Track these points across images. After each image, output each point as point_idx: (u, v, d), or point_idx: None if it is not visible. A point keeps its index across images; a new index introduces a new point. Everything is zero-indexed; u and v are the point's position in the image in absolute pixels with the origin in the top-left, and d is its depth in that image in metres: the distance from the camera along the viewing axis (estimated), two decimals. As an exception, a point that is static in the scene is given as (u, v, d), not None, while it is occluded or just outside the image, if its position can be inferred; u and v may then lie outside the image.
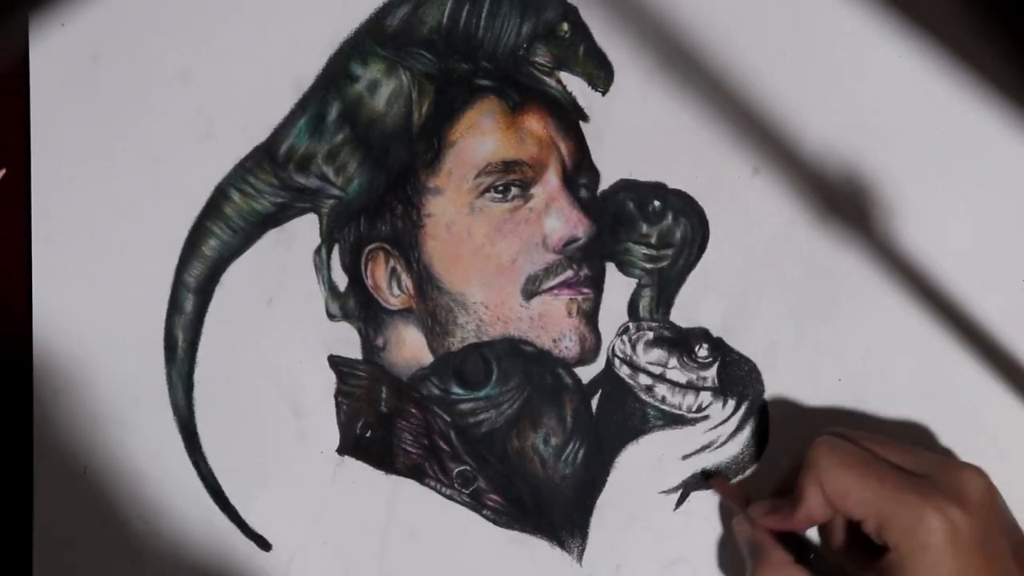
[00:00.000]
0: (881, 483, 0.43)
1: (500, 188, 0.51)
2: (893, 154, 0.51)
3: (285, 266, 0.52)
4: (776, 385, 0.51)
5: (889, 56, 0.51)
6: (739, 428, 0.51)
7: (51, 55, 0.52)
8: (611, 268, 0.52)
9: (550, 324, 0.51)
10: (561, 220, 0.51)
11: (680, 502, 0.51)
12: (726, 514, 0.51)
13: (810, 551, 0.47)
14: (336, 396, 0.52)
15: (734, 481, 0.51)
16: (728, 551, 0.50)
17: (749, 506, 0.48)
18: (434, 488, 0.51)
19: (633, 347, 0.52)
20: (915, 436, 0.50)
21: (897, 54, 0.51)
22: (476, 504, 0.51)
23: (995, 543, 0.43)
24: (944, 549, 0.42)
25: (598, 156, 0.52)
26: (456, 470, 0.51)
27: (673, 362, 0.51)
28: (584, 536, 0.51)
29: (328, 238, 0.52)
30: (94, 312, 0.52)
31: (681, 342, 0.51)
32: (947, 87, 0.51)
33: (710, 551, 0.51)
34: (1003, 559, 0.43)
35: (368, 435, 0.52)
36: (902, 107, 0.51)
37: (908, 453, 0.45)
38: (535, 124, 0.51)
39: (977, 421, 0.50)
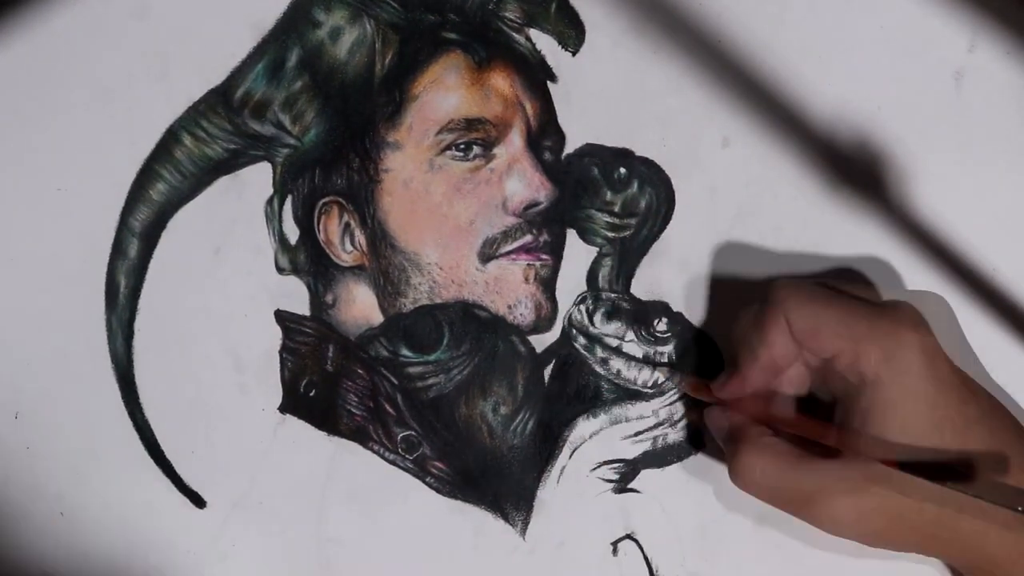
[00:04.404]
0: (852, 313, 0.42)
1: (461, 146, 0.49)
2: (904, 119, 0.49)
3: (235, 215, 0.50)
4: (735, 363, 0.49)
5: (899, 15, 0.49)
6: (695, 405, 0.49)
7: (3, -17, 0.50)
8: (572, 235, 0.50)
9: (506, 289, 0.50)
10: (523, 183, 0.49)
11: (630, 479, 0.49)
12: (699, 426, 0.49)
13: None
14: (281, 352, 0.50)
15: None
16: (676, 528, 0.49)
17: (712, 384, 0.46)
18: (377, 452, 0.50)
19: (590, 317, 0.50)
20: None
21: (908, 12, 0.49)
22: (419, 471, 0.50)
23: (955, 365, 0.42)
24: (925, 371, 0.41)
25: (565, 118, 0.50)
26: (401, 435, 0.50)
27: (631, 335, 0.50)
28: (529, 510, 0.49)
29: (281, 189, 0.50)
30: (31, 252, 0.50)
31: (640, 315, 0.50)
32: (965, 46, 0.49)
33: (657, 529, 0.49)
34: (968, 378, 0.43)
35: (312, 394, 0.50)
36: (915, 69, 0.49)
37: (867, 291, 0.45)
38: (501, 82, 0.50)
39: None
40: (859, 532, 0.42)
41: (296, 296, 0.50)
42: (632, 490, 0.49)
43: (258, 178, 0.50)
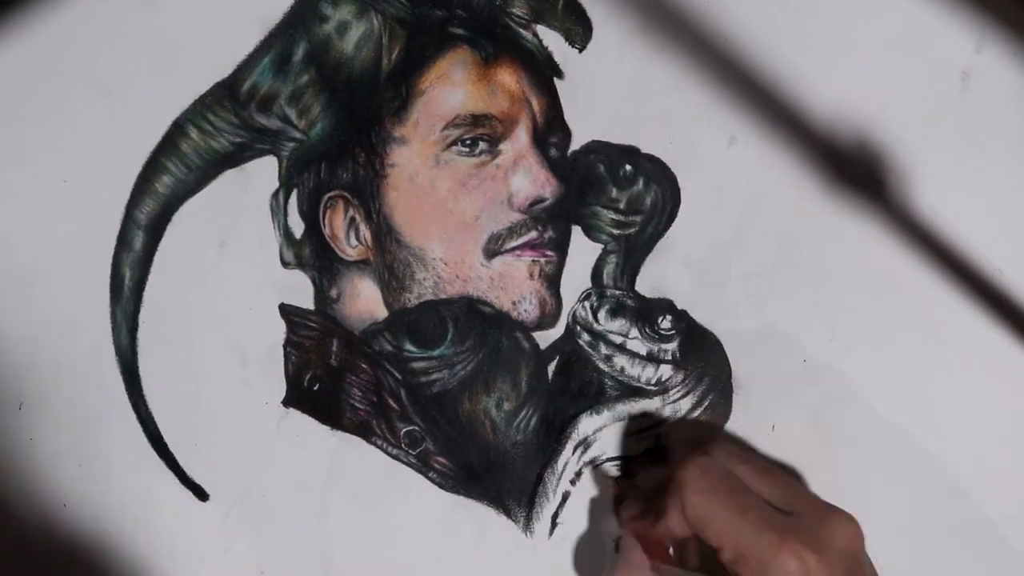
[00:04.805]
0: (743, 515, 0.42)
1: (468, 142, 0.49)
2: (907, 120, 0.49)
3: (240, 209, 0.50)
4: (739, 361, 0.49)
5: (902, 15, 0.49)
6: (698, 403, 0.49)
7: (10, -25, 0.50)
8: (577, 231, 0.50)
9: (510, 285, 0.50)
10: (528, 179, 0.49)
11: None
12: (596, 504, 0.50)
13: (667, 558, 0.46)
14: (285, 346, 0.50)
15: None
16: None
17: (623, 504, 0.47)
18: (380, 447, 0.50)
19: (594, 314, 0.50)
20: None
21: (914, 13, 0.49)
22: (422, 466, 0.50)
23: None
24: None
25: (571, 115, 0.50)
26: (404, 430, 0.50)
27: (635, 332, 0.50)
28: (531, 506, 0.49)
29: (287, 182, 0.50)
30: (37, 244, 0.50)
31: (644, 312, 0.50)
32: (972, 47, 0.49)
33: (659, 527, 0.49)
34: None
35: (316, 388, 0.50)
36: (922, 70, 0.49)
37: (784, 488, 0.43)
38: (508, 78, 0.50)
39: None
40: None
41: (301, 290, 0.50)
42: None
43: (264, 172, 0.50)
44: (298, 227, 0.50)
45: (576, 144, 0.50)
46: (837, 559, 0.41)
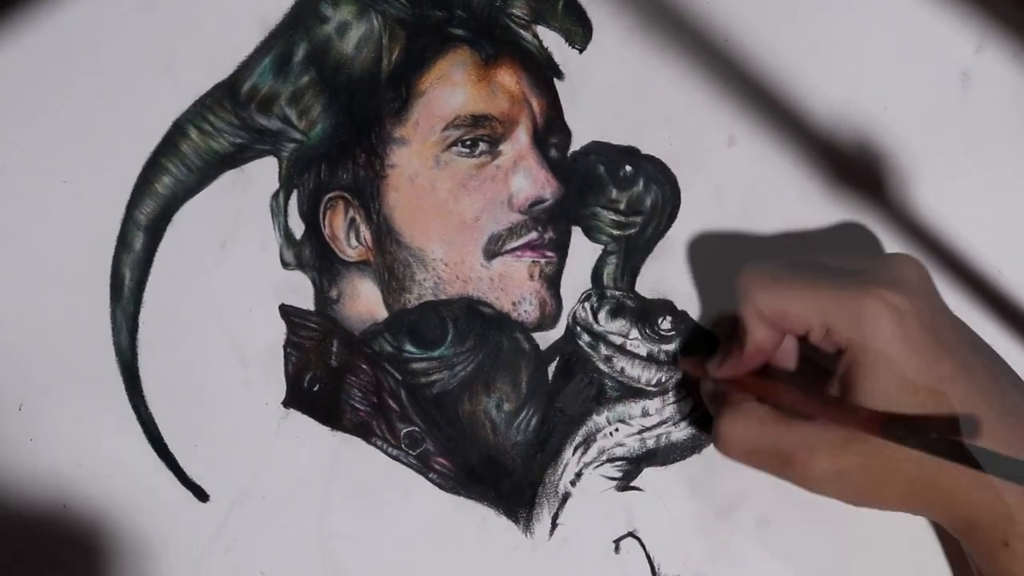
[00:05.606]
0: (815, 287, 0.42)
1: (468, 143, 0.49)
2: (907, 121, 0.49)
3: (240, 209, 0.50)
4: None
5: (902, 15, 0.49)
6: (699, 404, 0.49)
7: (10, -25, 0.50)
8: (577, 232, 0.50)
9: (510, 286, 0.50)
10: (528, 180, 0.49)
11: (633, 477, 0.49)
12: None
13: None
14: (285, 347, 0.50)
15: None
16: (678, 526, 0.49)
17: (703, 365, 0.47)
18: (380, 448, 0.50)
19: (595, 315, 0.50)
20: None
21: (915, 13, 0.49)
22: (423, 467, 0.50)
23: (941, 321, 0.42)
24: (892, 333, 0.41)
25: (571, 115, 0.50)
26: (404, 431, 0.50)
27: (635, 333, 0.50)
28: (532, 507, 0.49)
29: (287, 183, 0.50)
30: (37, 244, 0.50)
31: (644, 313, 0.50)
32: (972, 48, 0.49)
33: (660, 527, 0.49)
34: (951, 334, 0.42)
35: (316, 389, 0.50)
36: (922, 70, 0.49)
37: (838, 259, 0.44)
38: (508, 78, 0.50)
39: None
40: (839, 490, 0.43)
41: (301, 291, 0.50)
42: (635, 488, 0.49)
43: (264, 172, 0.50)
44: (298, 228, 0.50)
45: (576, 145, 0.50)
46: (916, 291, 0.42)
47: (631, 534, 0.49)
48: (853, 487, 0.43)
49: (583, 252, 0.50)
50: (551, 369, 0.50)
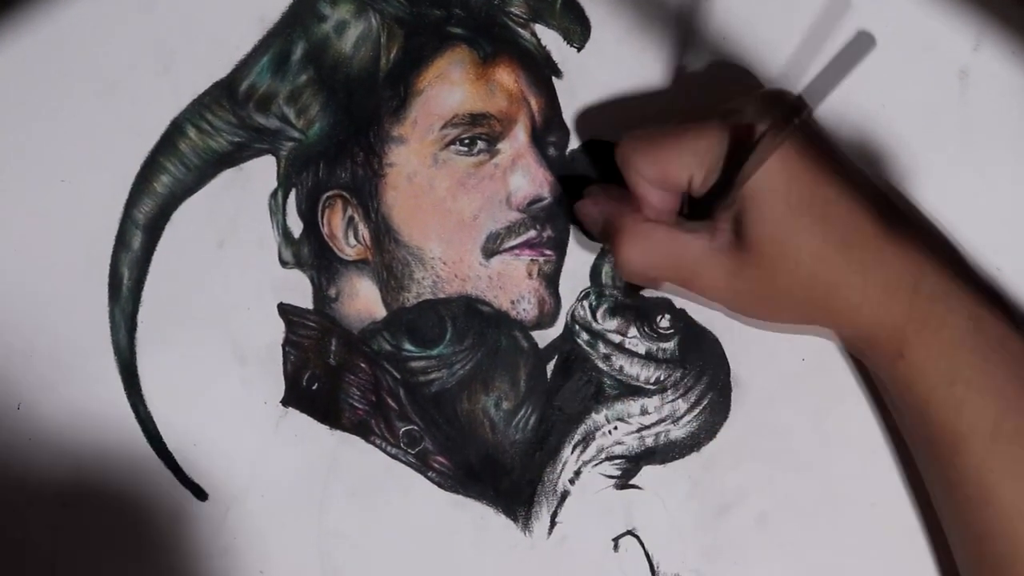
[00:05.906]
0: (684, 137, 0.43)
1: (466, 141, 0.49)
2: (908, 118, 0.49)
3: (239, 208, 0.50)
4: (737, 360, 0.49)
5: (900, 13, 0.49)
6: (698, 402, 0.49)
7: (8, -26, 0.50)
8: (575, 231, 0.50)
9: (509, 284, 0.50)
10: (527, 178, 0.49)
11: (631, 475, 0.49)
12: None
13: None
14: (284, 346, 0.50)
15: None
16: (677, 525, 0.49)
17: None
18: (379, 446, 0.50)
19: (593, 313, 0.50)
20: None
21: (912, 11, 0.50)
22: (421, 465, 0.50)
23: (816, 146, 0.42)
24: (771, 162, 0.41)
25: (569, 114, 0.50)
26: (403, 429, 0.50)
27: (633, 331, 0.50)
28: (530, 505, 0.49)
29: (285, 182, 0.50)
30: (35, 243, 0.50)
31: (643, 311, 0.50)
32: (970, 46, 0.49)
33: (658, 525, 0.49)
34: (828, 160, 0.42)
35: (314, 388, 0.50)
36: (920, 68, 0.50)
37: (717, 107, 0.44)
38: (506, 77, 0.50)
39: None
40: (737, 308, 0.46)
41: (299, 290, 0.50)
42: (634, 486, 0.49)
43: (262, 171, 0.50)
44: (296, 226, 0.50)
45: (575, 143, 0.50)
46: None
47: (630, 532, 0.49)
48: (747, 307, 0.45)
49: (582, 250, 0.50)
50: (550, 367, 0.50)
